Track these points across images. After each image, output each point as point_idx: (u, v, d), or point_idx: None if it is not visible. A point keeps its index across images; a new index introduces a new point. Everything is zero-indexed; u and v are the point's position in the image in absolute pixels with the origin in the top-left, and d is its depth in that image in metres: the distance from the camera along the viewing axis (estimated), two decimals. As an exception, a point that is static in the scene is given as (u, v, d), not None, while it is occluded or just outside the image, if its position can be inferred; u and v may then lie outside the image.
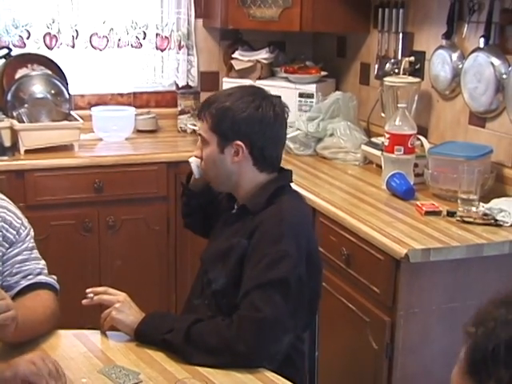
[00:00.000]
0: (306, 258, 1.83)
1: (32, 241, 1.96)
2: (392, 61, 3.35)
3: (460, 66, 2.93)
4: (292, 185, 2.03)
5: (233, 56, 3.85)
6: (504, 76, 2.70)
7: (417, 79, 3.11)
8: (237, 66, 3.80)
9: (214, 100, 1.94)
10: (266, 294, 1.75)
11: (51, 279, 1.92)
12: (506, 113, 2.72)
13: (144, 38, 3.83)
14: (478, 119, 2.89)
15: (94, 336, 1.85)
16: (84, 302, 1.88)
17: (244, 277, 1.81)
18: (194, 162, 2.04)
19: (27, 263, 1.89)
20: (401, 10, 3.30)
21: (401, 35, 3.33)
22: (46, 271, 1.94)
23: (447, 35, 2.98)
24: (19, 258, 1.88)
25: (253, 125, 1.90)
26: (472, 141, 2.87)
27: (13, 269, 1.86)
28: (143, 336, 1.80)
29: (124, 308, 1.85)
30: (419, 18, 3.23)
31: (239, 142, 1.90)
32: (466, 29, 2.89)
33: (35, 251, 1.96)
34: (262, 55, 3.80)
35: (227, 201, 2.06)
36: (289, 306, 1.76)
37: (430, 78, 3.12)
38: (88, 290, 1.89)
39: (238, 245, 1.86)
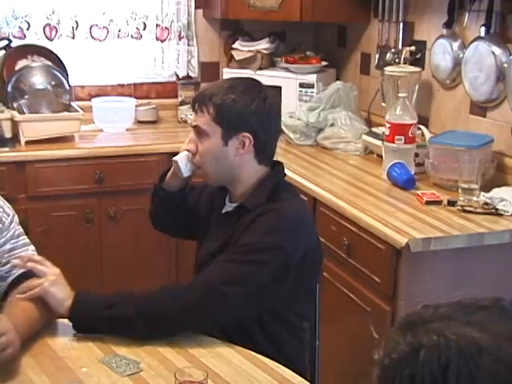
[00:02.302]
0: (304, 254, 1.83)
1: (18, 227, 1.93)
2: (392, 50, 3.34)
3: (461, 56, 2.92)
4: (288, 173, 2.05)
5: (233, 46, 3.84)
6: (505, 65, 2.69)
7: (417, 69, 3.11)
8: (237, 56, 3.79)
9: (214, 92, 1.88)
10: (241, 269, 1.78)
11: None
12: (506, 102, 2.71)
13: (144, 29, 3.82)
14: (479, 108, 2.88)
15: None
16: (15, 261, 1.82)
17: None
18: (182, 158, 1.95)
19: (15, 252, 1.88)
20: (401, 0, 3.29)
21: (401, 25, 3.32)
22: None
23: (448, 24, 2.97)
24: (7, 247, 1.87)
25: (260, 117, 1.88)
26: (473, 130, 2.87)
27: (1, 259, 1.85)
28: (78, 313, 1.75)
29: (58, 282, 1.79)
30: (420, 7, 3.23)
31: (247, 134, 1.87)
32: (466, 18, 2.88)
33: (22, 238, 1.93)
34: (263, 45, 3.79)
35: (215, 198, 2.01)
36: (256, 293, 1.78)
37: (431, 67, 3.11)
38: (23, 255, 1.83)
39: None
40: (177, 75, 3.92)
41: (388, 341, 0.94)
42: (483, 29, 2.77)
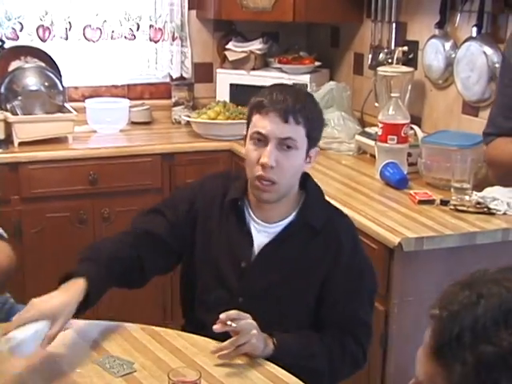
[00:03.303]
0: None
1: None
2: (385, 50, 3.36)
3: (453, 56, 2.94)
4: None
5: (226, 47, 3.85)
6: (496, 65, 2.70)
7: (410, 69, 3.12)
8: (230, 56, 3.80)
9: (303, 103, 1.79)
10: (368, 297, 1.91)
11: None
12: (498, 101, 2.73)
13: (137, 30, 3.82)
14: (471, 108, 2.89)
15: (87, 326, 1.85)
16: (218, 328, 1.67)
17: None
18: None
19: None
20: (394, 0, 3.30)
21: (394, 25, 3.33)
22: None
23: (440, 24, 2.99)
24: None
25: (324, 128, 1.92)
26: (465, 130, 2.88)
27: None
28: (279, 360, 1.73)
29: (259, 334, 1.71)
30: (412, 8, 3.24)
31: (317, 148, 1.88)
32: (458, 18, 2.90)
33: None
34: (256, 46, 3.80)
35: (223, 217, 1.89)
36: None
37: (423, 67, 3.12)
38: (223, 317, 1.66)
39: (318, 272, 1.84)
40: (170, 76, 3.92)
41: (444, 296, 0.95)
42: (475, 29, 2.78)
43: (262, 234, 1.86)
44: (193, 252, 1.93)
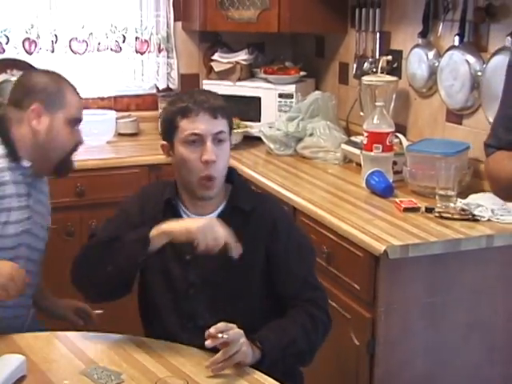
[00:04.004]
0: None
1: None
2: (370, 60, 3.39)
3: (436, 64, 2.97)
4: (268, 183, 2.14)
5: (212, 58, 3.87)
6: (479, 73, 2.74)
7: (394, 78, 3.15)
8: (216, 67, 3.82)
9: (217, 98, 2.00)
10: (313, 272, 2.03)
11: None
12: (481, 109, 2.75)
13: (123, 42, 3.84)
14: (455, 116, 2.92)
15: (75, 337, 1.86)
16: (209, 343, 1.70)
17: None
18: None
19: None
20: (377, 10, 3.34)
21: (378, 34, 3.36)
22: None
23: (423, 34, 3.02)
24: None
25: None
26: (449, 138, 2.91)
27: None
28: (269, 358, 1.79)
29: (249, 349, 1.75)
30: (395, 18, 3.27)
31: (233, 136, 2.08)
32: (441, 27, 2.93)
33: None
34: (242, 56, 3.82)
35: (159, 215, 1.95)
36: None
37: (408, 76, 3.16)
38: (212, 331, 1.69)
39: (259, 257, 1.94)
40: (157, 87, 3.94)
41: None
42: (457, 38, 2.81)
43: None
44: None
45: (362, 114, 3.27)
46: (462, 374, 2.42)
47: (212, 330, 1.69)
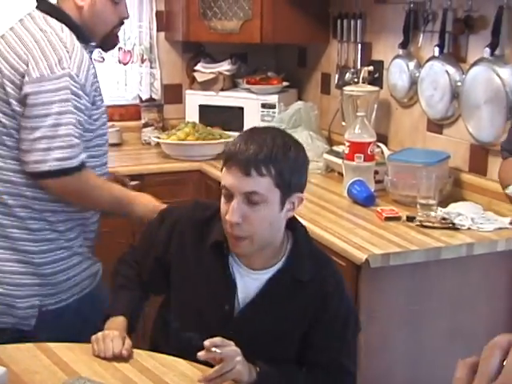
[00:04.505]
0: None
1: None
2: (351, 70, 3.42)
3: (417, 75, 3.00)
4: None
5: (195, 68, 3.88)
6: (459, 83, 2.77)
7: (376, 88, 3.18)
8: (199, 78, 3.83)
9: (272, 151, 1.67)
10: (351, 345, 1.87)
11: None
12: (461, 119, 2.79)
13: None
14: (436, 126, 2.96)
15: (57, 349, 1.85)
16: (203, 355, 1.63)
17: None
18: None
19: None
20: (359, 21, 3.37)
21: (359, 45, 3.40)
22: None
23: (403, 45, 3.06)
24: None
25: (306, 172, 1.78)
26: (430, 147, 2.94)
27: None
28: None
29: (244, 366, 1.67)
30: (377, 28, 3.31)
31: (299, 194, 1.74)
32: (421, 38, 2.97)
33: None
34: (224, 67, 3.84)
35: (208, 263, 1.82)
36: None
37: (389, 86, 3.19)
38: (207, 344, 1.62)
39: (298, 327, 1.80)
40: (140, 98, 3.95)
41: None
42: (437, 49, 2.85)
43: (245, 279, 1.80)
44: (169, 291, 1.92)
45: (343, 123, 3.29)
46: (444, 382, 2.44)
47: (207, 342, 1.61)
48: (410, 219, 2.53)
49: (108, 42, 2.38)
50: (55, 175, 2.15)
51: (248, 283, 1.80)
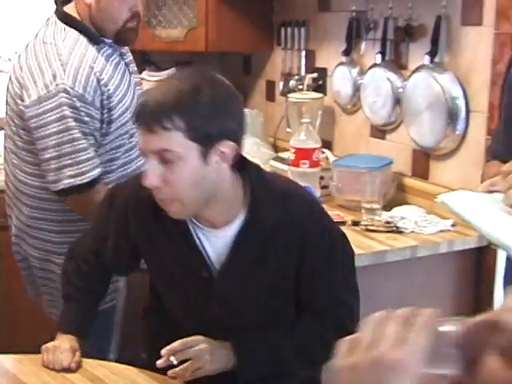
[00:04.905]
0: None
1: None
2: (296, 77, 3.45)
3: (359, 82, 3.07)
4: None
5: (140, 76, 3.87)
6: (400, 90, 2.84)
7: (320, 95, 3.23)
8: (145, 86, 3.82)
9: (178, 99, 1.48)
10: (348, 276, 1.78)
11: None
12: (403, 125, 2.86)
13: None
14: (379, 132, 3.03)
15: (6, 361, 1.84)
16: (162, 363, 1.61)
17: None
18: None
19: None
20: (302, 29, 3.42)
21: (303, 53, 3.45)
22: None
23: (346, 52, 3.11)
24: None
25: (236, 114, 1.58)
26: (373, 152, 3.00)
27: None
28: (247, 367, 1.67)
29: (213, 356, 1.63)
30: (320, 36, 3.36)
31: (227, 142, 1.53)
32: (363, 46, 3.04)
33: None
34: (170, 75, 3.84)
35: (165, 229, 1.69)
36: None
37: (332, 93, 3.24)
38: (164, 352, 1.59)
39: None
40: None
41: None
42: (379, 56, 2.91)
43: (211, 240, 1.68)
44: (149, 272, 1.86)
45: (289, 130, 3.33)
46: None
47: (164, 351, 1.57)
48: (356, 223, 2.58)
49: (122, 37, 2.35)
50: (69, 193, 2.22)
51: (216, 243, 1.67)
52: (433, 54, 2.67)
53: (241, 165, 1.63)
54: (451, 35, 2.66)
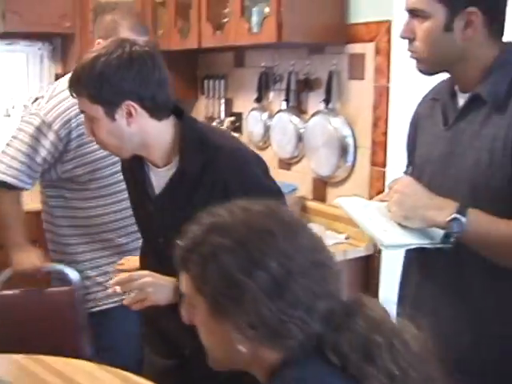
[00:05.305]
0: None
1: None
2: (217, 120, 3.83)
3: (269, 124, 3.43)
4: None
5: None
6: (302, 130, 3.23)
7: (237, 134, 3.57)
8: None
9: (80, 72, 1.77)
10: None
11: None
12: (305, 158, 3.26)
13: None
14: (285, 164, 3.41)
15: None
16: (112, 290, 1.76)
17: None
18: None
19: None
20: (222, 81, 3.81)
21: (223, 100, 3.84)
22: None
23: (258, 99, 3.48)
24: None
25: (133, 78, 1.74)
26: (281, 181, 3.24)
27: None
28: None
29: (156, 288, 1.74)
30: (236, 86, 3.75)
31: (128, 102, 1.75)
32: (271, 95, 3.45)
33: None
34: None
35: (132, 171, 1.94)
36: None
37: (247, 133, 3.61)
38: (111, 283, 1.75)
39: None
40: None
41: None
42: (284, 103, 3.29)
43: (156, 178, 1.90)
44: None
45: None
46: None
47: (111, 282, 1.76)
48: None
49: None
50: None
51: (159, 181, 1.89)
52: (327, 101, 3.03)
53: (179, 116, 1.87)
54: (341, 87, 3.02)
